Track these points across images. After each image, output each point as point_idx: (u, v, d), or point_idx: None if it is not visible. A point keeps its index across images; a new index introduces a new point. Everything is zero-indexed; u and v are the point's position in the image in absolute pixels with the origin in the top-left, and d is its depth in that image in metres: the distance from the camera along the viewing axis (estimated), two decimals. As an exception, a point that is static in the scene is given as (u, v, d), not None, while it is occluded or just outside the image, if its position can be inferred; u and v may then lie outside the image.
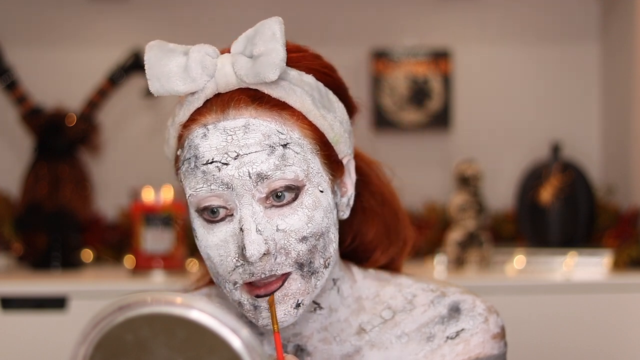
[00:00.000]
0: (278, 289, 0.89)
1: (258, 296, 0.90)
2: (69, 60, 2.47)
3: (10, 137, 2.43)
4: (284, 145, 0.89)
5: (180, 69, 0.90)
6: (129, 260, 2.19)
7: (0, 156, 2.45)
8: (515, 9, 2.52)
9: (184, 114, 0.92)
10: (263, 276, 0.89)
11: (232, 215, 0.89)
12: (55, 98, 2.26)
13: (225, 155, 0.88)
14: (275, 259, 0.89)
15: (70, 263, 2.18)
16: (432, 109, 2.46)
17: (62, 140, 2.20)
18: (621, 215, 2.27)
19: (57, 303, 1.89)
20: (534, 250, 2.20)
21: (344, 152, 0.96)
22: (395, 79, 2.46)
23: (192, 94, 0.92)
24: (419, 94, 2.46)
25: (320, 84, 0.95)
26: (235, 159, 0.88)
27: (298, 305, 0.90)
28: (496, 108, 2.52)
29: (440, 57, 2.46)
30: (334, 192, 0.94)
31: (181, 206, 2.13)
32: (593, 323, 1.92)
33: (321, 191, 0.91)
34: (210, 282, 1.07)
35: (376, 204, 1.05)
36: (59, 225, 2.18)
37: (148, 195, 2.13)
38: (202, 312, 0.69)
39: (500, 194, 2.43)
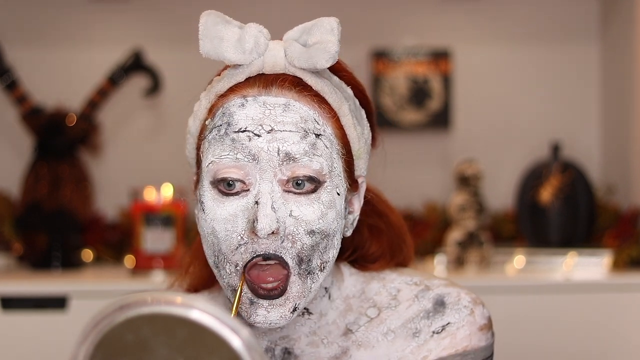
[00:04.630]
0: (279, 295, 0.89)
1: (259, 296, 0.89)
2: (69, 60, 2.47)
3: (10, 137, 2.43)
4: (317, 135, 0.90)
5: (234, 38, 0.91)
6: (129, 260, 2.19)
7: (0, 156, 2.45)
8: (515, 9, 2.52)
9: (223, 86, 0.93)
10: (265, 254, 0.88)
11: (247, 190, 0.89)
12: (55, 98, 2.26)
13: (259, 127, 0.88)
14: (282, 243, 0.88)
15: (70, 263, 2.18)
16: (432, 109, 2.46)
17: (62, 140, 2.20)
18: (621, 215, 2.27)
19: (57, 303, 1.89)
20: (534, 250, 2.20)
21: (360, 171, 0.97)
22: (395, 79, 2.46)
23: (235, 67, 0.92)
24: (419, 94, 2.46)
25: (357, 100, 0.97)
26: (268, 132, 0.88)
27: (294, 309, 0.90)
28: (496, 108, 2.52)
29: (440, 57, 2.46)
30: (345, 203, 0.94)
31: (181, 206, 2.13)
32: (593, 323, 1.92)
33: (338, 194, 0.91)
34: (206, 286, 1.05)
35: (382, 223, 1.04)
36: (59, 225, 2.18)
37: (148, 195, 2.13)
38: (202, 311, 0.69)
39: (500, 194, 2.43)
